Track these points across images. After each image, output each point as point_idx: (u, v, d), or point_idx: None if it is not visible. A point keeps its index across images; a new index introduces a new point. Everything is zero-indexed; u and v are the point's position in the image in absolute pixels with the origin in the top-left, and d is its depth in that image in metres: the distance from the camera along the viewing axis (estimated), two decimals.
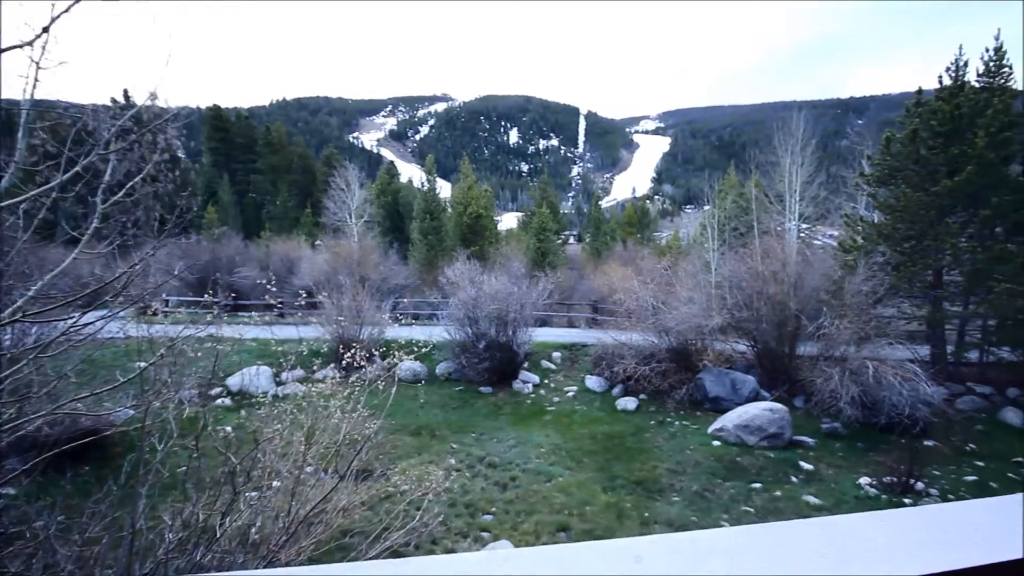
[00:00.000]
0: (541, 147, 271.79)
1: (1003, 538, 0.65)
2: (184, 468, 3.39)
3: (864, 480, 8.12)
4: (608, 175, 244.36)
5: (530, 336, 13.26)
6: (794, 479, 8.34)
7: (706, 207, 28.38)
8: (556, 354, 13.98)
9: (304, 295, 11.41)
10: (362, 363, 5.25)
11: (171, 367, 3.53)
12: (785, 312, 11.73)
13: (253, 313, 17.56)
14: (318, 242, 30.88)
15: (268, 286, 5.36)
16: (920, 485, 7.77)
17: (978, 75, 11.35)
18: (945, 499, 7.79)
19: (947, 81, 11.24)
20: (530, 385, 12.44)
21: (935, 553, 0.63)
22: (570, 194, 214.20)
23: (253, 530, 3.37)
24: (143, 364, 3.20)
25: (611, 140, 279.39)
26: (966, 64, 11.07)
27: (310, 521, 4.21)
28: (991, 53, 11.21)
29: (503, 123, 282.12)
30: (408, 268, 26.13)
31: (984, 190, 10.44)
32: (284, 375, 11.71)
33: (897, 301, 12.04)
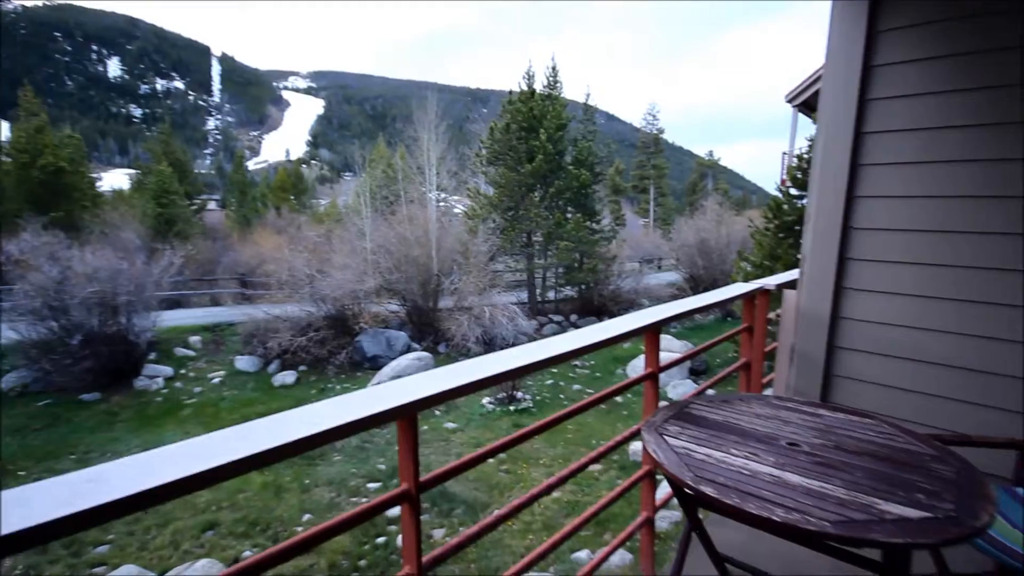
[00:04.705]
0: (159, 88, 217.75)
1: None
2: None
3: (486, 400, 10.29)
4: (255, 133, 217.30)
5: (154, 322, 11.01)
6: (437, 412, 9.84)
7: (362, 175, 29.00)
8: (195, 338, 12.08)
9: None
10: None
11: None
12: (428, 272, 13.41)
13: None
14: None
15: None
16: (519, 395, 10.41)
17: (543, 86, 15.35)
18: (535, 400, 10.68)
19: (524, 87, 14.79)
20: (160, 379, 10.43)
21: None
22: (207, 151, 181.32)
23: None
24: None
25: (255, 93, 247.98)
26: (534, 76, 14.83)
27: None
28: (550, 69, 15.33)
29: (97, 48, 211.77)
30: None
31: (550, 174, 14.38)
32: None
33: (505, 258, 15.42)
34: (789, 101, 16.24)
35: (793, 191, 10.61)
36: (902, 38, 2.27)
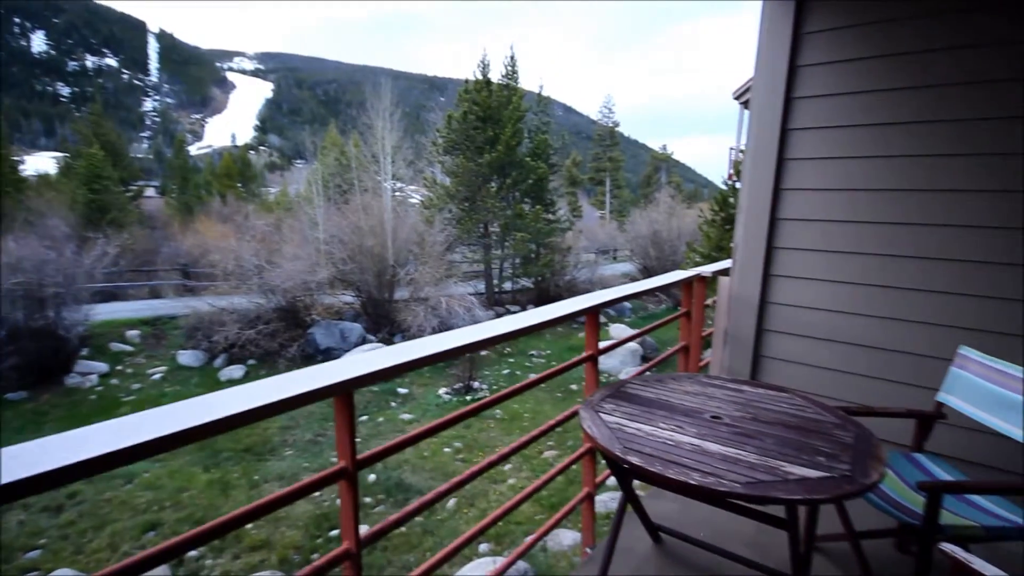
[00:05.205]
0: (89, 65, 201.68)
1: None
2: None
3: (443, 391, 10.29)
4: (198, 116, 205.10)
5: (87, 315, 10.37)
6: (393, 404, 9.78)
7: (314, 163, 28.08)
8: (132, 332, 11.45)
9: None
10: None
11: None
12: (384, 263, 13.20)
13: None
14: None
15: None
16: (476, 384, 10.47)
17: (501, 76, 15.31)
18: (491, 390, 10.76)
19: (480, 76, 14.72)
20: (94, 376, 9.85)
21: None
22: (144, 134, 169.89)
23: None
24: None
25: (197, 74, 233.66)
26: (489, 65, 14.78)
27: None
28: (508, 59, 15.31)
29: (19, 20, 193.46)
30: None
31: (507, 165, 14.40)
32: None
33: (461, 248, 15.37)
34: (736, 98, 16.87)
35: (739, 185, 11.10)
36: (825, 41, 2.43)
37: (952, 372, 1.93)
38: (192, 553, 5.42)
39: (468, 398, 9.88)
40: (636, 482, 2.31)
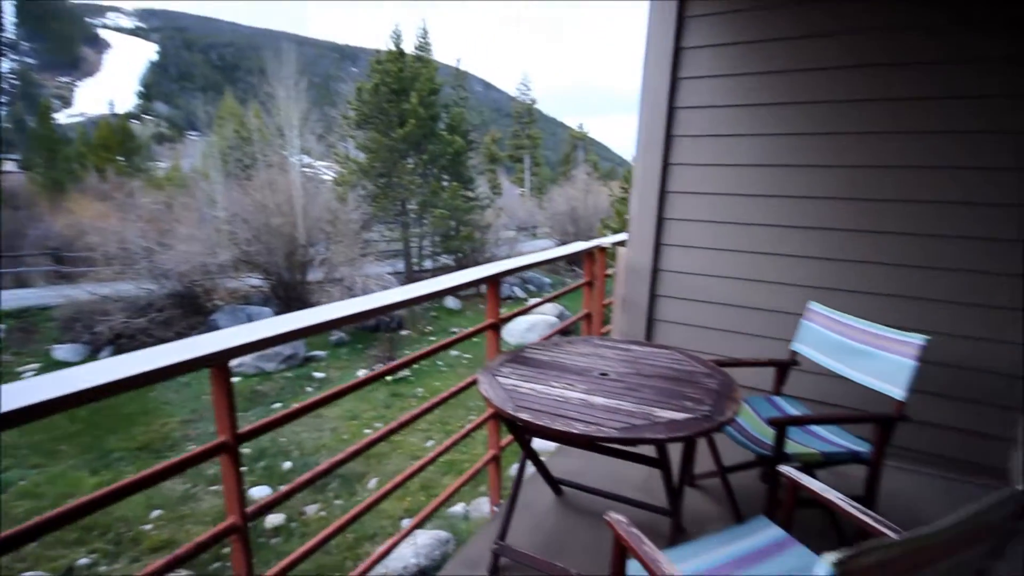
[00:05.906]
0: None
1: None
2: None
3: (361, 372, 10.08)
4: (66, 79, 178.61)
5: None
6: (309, 388, 9.43)
7: (211, 135, 25.68)
8: None
9: None
10: None
11: None
12: (294, 243, 12.49)
13: None
14: None
15: None
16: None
17: (414, 47, 14.79)
18: (412, 369, 10.68)
19: (393, 47, 14.13)
20: None
21: None
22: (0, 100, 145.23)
23: None
24: None
25: (64, 30, 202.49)
26: (401, 35, 14.22)
27: None
28: (421, 31, 14.81)
29: None
30: None
31: (422, 140, 14.06)
32: None
33: (378, 227, 14.91)
34: None
35: None
36: (706, 25, 2.61)
37: (802, 324, 2.22)
38: (83, 560, 4.99)
39: (388, 378, 9.76)
40: (548, 443, 2.44)
